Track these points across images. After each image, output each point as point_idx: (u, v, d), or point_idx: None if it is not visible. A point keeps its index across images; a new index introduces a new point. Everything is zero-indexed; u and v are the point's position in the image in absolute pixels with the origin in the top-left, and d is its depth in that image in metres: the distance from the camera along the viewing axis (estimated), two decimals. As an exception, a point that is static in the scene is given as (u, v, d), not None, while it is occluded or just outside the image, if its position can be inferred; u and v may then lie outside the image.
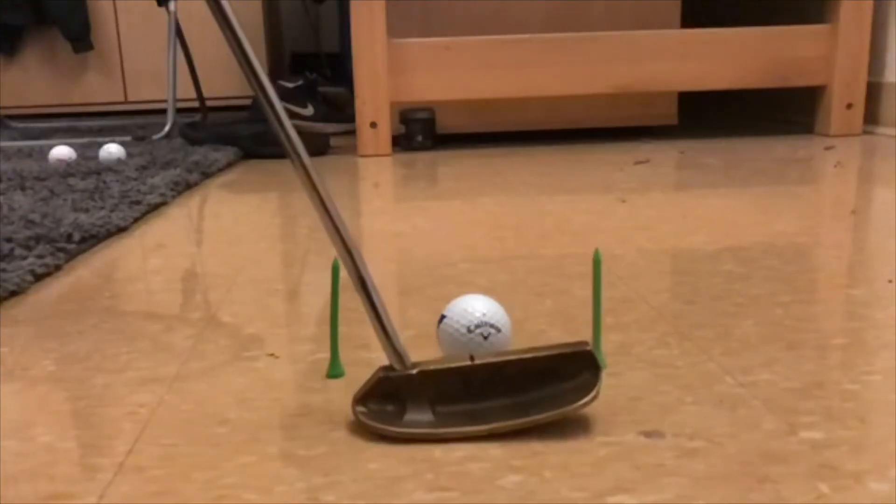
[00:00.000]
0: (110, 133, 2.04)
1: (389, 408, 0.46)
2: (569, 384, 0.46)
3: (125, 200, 1.11)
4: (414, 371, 0.46)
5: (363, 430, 0.46)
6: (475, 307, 0.53)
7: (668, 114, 1.85)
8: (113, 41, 2.60)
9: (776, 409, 0.47)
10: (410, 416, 0.45)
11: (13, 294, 0.74)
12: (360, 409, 0.46)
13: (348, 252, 0.45)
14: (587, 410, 0.47)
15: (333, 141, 1.78)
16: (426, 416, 0.45)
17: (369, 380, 0.46)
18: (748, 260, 0.79)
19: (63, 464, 0.43)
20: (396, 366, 0.46)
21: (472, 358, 0.46)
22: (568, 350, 0.46)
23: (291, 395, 0.51)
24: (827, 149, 1.55)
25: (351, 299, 0.71)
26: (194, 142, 1.75)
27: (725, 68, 1.69)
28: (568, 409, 0.45)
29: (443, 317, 0.54)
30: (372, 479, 0.41)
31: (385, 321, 0.45)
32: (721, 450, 0.43)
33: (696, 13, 2.00)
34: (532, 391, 0.46)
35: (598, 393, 0.45)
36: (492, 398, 0.46)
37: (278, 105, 0.45)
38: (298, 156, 0.45)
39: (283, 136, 0.45)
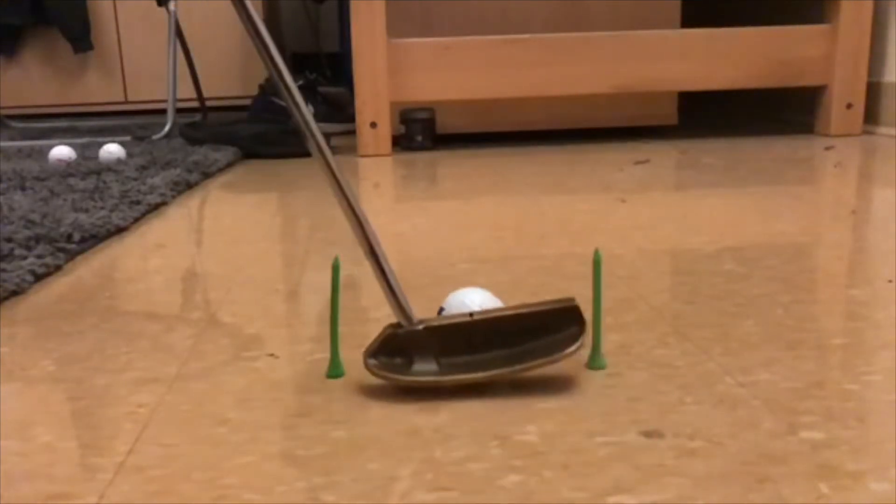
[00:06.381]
0: (110, 133, 2.04)
1: (398, 360, 0.51)
2: (558, 336, 0.51)
3: (125, 200, 1.11)
4: (420, 327, 0.50)
5: (363, 430, 0.46)
6: (472, 300, 0.55)
7: (668, 114, 1.85)
8: (113, 41, 2.60)
9: (776, 409, 0.47)
10: (417, 367, 0.50)
11: (13, 294, 0.74)
12: (372, 361, 0.50)
13: (357, 218, 0.51)
14: (586, 411, 0.47)
15: (333, 141, 1.78)
16: (431, 366, 0.50)
17: (379, 335, 0.51)
18: (748, 260, 0.79)
19: (63, 464, 0.43)
20: (403, 323, 0.50)
21: (471, 315, 0.51)
22: (557, 306, 0.51)
23: (291, 395, 0.51)
24: (827, 149, 1.55)
25: (351, 299, 0.71)
26: (194, 142, 1.75)
27: (725, 68, 1.69)
28: (558, 356, 0.50)
29: (441, 309, 0.54)
30: (372, 479, 0.41)
31: (393, 283, 0.50)
32: (721, 450, 0.43)
33: (696, 13, 2.00)
34: (526, 342, 0.51)
35: (582, 343, 0.50)
36: (491, 350, 0.51)
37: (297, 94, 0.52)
38: (310, 128, 0.54)
39: (298, 117, 0.53)
